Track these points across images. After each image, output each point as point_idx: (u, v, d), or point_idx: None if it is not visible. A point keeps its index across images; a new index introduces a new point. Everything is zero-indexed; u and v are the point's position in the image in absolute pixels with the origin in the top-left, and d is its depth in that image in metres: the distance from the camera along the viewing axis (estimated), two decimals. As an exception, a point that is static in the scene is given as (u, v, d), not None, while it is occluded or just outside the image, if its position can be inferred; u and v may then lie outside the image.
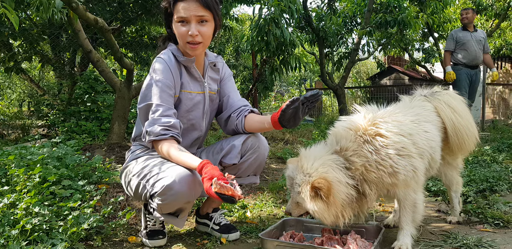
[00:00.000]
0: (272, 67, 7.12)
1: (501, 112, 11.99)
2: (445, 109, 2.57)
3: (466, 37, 7.23)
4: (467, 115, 2.66)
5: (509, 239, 2.46)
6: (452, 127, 2.56)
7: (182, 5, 2.23)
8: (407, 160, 2.19)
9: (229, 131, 2.60)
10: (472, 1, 12.31)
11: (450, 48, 7.32)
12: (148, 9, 7.56)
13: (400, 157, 2.17)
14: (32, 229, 2.21)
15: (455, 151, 2.65)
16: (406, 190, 2.26)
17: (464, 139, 2.59)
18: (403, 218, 2.31)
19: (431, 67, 13.47)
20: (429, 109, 2.55)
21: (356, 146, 2.20)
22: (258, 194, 3.62)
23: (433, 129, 2.45)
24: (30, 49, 7.76)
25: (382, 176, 2.17)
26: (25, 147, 3.26)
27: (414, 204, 2.29)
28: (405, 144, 2.19)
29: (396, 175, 2.17)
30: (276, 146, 6.04)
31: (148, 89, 2.30)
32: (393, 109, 2.42)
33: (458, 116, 2.57)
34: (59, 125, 6.20)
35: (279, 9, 5.95)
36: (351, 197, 2.17)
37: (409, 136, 2.24)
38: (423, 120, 2.42)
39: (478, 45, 7.26)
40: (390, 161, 2.15)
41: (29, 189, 2.54)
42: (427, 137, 2.34)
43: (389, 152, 2.16)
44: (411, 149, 2.21)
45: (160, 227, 2.52)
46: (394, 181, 2.18)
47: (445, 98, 2.62)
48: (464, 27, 7.37)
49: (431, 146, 2.36)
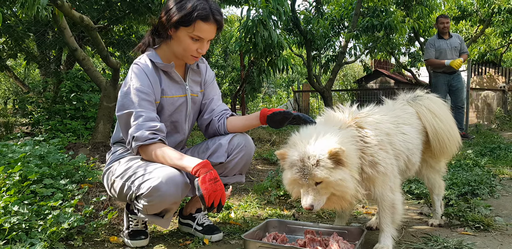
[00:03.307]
0: (260, 68, 7.12)
1: (485, 117, 12.15)
2: (426, 114, 2.60)
3: (443, 46, 7.43)
4: (448, 119, 2.69)
5: (489, 242, 2.49)
6: (433, 131, 2.59)
7: (204, 26, 2.24)
8: (386, 154, 2.22)
9: (210, 134, 2.63)
10: (457, 7, 12.47)
11: (430, 57, 7.50)
12: (136, 8, 7.51)
13: (381, 149, 2.21)
14: (11, 228, 2.17)
15: (437, 155, 2.68)
16: (383, 188, 2.27)
17: (446, 143, 2.62)
18: (382, 220, 2.33)
19: (416, 72, 13.59)
20: (410, 113, 2.59)
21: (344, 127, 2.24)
22: (242, 195, 3.62)
23: (412, 131, 2.48)
24: (15, 46, 7.67)
25: (363, 163, 2.17)
26: (7, 144, 3.21)
27: (393, 205, 2.30)
28: (382, 139, 2.24)
29: (376, 166, 2.18)
30: (263, 147, 6.05)
31: (127, 97, 2.26)
32: (373, 110, 2.45)
33: (438, 120, 2.61)
34: (44, 123, 6.12)
35: (267, 11, 5.95)
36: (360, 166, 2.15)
37: (386, 135, 2.28)
38: (401, 123, 2.46)
39: (455, 52, 7.46)
40: (372, 149, 2.18)
41: (8, 187, 2.50)
42: (404, 138, 2.38)
43: (372, 142, 2.19)
44: (388, 147, 2.25)
45: (143, 227, 2.50)
46: (374, 173, 2.18)
47: (426, 103, 2.66)
48: (439, 36, 7.54)
49: (408, 148, 2.39)
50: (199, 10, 2.20)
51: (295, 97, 14.17)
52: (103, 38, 5.17)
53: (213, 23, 2.26)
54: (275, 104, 16.97)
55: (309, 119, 2.32)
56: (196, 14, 2.19)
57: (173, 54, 2.38)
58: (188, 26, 2.22)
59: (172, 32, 2.28)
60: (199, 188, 2.03)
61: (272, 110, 2.38)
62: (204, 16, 2.21)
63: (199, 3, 2.22)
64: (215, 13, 2.25)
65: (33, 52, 8.43)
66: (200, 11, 2.20)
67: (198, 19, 2.21)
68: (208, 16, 2.22)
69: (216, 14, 2.26)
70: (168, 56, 2.40)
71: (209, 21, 2.24)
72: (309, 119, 2.32)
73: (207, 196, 2.02)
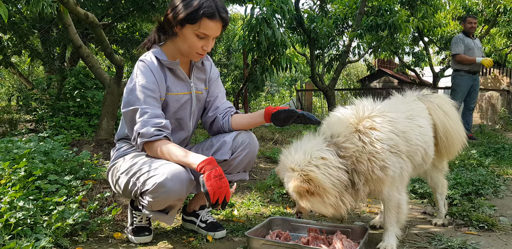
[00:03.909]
0: (263, 67, 7.12)
1: (489, 117, 12.12)
2: (438, 111, 2.60)
3: (471, 44, 7.37)
4: (457, 119, 2.70)
5: (493, 242, 2.49)
6: (444, 129, 2.59)
7: (210, 24, 2.23)
8: (396, 158, 2.20)
9: (214, 131, 2.63)
10: (462, 7, 12.43)
11: (460, 52, 7.32)
12: (140, 6, 7.52)
13: (391, 153, 2.19)
14: (16, 223, 2.18)
15: (443, 153, 2.68)
16: (391, 189, 2.28)
17: (454, 142, 2.63)
18: (387, 219, 2.33)
19: (420, 71, 13.57)
20: (421, 107, 2.57)
21: (348, 132, 2.20)
22: (245, 193, 3.62)
23: (427, 124, 2.48)
24: (20, 43, 7.68)
25: (373, 167, 2.15)
26: (12, 140, 3.22)
27: (398, 205, 2.30)
28: (397, 142, 2.21)
29: (386, 170, 2.17)
30: (265, 146, 6.05)
31: (132, 94, 2.27)
32: (388, 105, 2.42)
33: (449, 119, 2.61)
34: (47, 119, 6.13)
35: (271, 9, 5.94)
36: (344, 182, 2.14)
37: (402, 133, 2.25)
38: (416, 115, 2.44)
39: (480, 53, 7.43)
40: (383, 154, 2.15)
41: (14, 183, 2.51)
42: (421, 131, 2.37)
43: (384, 146, 2.16)
44: (402, 148, 2.23)
45: (146, 223, 2.51)
46: (383, 176, 2.17)
47: (437, 101, 2.66)
48: (466, 34, 7.48)
49: (425, 141, 2.39)
50: (205, 7, 2.20)
51: (297, 96, 14.18)
52: (107, 35, 5.17)
53: (218, 21, 2.26)
54: (278, 103, 16.97)
55: (313, 118, 2.31)
56: (202, 12, 2.19)
57: (178, 51, 2.38)
58: (194, 24, 2.22)
59: (178, 29, 2.28)
60: (204, 184, 2.03)
61: (277, 108, 2.37)
62: (210, 13, 2.21)
63: (205, 1, 2.21)
64: (221, 10, 2.26)
65: (38, 49, 8.44)
66: (206, 9, 2.20)
67: (204, 16, 2.20)
68: (214, 14, 2.22)
69: (222, 12, 2.26)
70: (174, 53, 2.40)
71: (215, 18, 2.24)
72: (313, 118, 2.31)
73: (212, 193, 2.02)
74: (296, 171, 2.12)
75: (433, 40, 13.28)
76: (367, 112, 2.27)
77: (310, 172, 2.08)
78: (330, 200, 2.12)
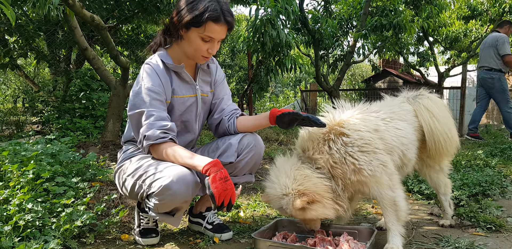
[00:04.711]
0: (268, 68, 7.12)
1: (495, 117, 12.05)
2: (423, 113, 2.58)
3: None
4: (446, 120, 2.64)
5: (501, 243, 2.48)
6: (429, 130, 2.57)
7: (215, 27, 2.23)
8: (372, 156, 2.21)
9: (220, 133, 2.63)
10: (467, 6, 12.38)
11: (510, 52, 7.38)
12: (144, 8, 7.54)
13: (363, 153, 2.21)
14: (25, 226, 2.20)
15: (433, 155, 2.65)
16: (379, 188, 2.26)
17: (441, 143, 2.59)
18: (387, 218, 2.32)
19: (425, 71, 13.51)
20: (407, 110, 2.58)
21: (315, 144, 2.27)
22: (251, 194, 3.63)
23: (408, 127, 2.47)
24: (26, 45, 7.72)
25: (347, 172, 2.21)
26: (19, 143, 3.24)
27: (394, 202, 2.28)
28: (368, 140, 2.23)
29: (361, 172, 2.20)
30: (270, 147, 6.05)
31: (138, 96, 2.28)
32: (365, 107, 2.47)
33: (435, 120, 2.57)
34: (54, 121, 6.16)
35: (276, 10, 5.94)
36: (331, 186, 2.24)
37: (375, 131, 2.27)
38: (396, 118, 2.46)
39: None
40: (351, 158, 2.20)
41: (22, 185, 2.52)
42: (397, 133, 2.37)
43: (349, 150, 2.20)
44: (376, 145, 2.24)
45: (153, 225, 2.52)
46: (360, 178, 2.21)
47: (424, 102, 2.63)
48: None
49: (403, 143, 2.38)
50: (210, 11, 2.20)
51: (302, 97, 14.15)
52: (112, 37, 5.19)
53: (224, 24, 2.26)
54: (282, 104, 16.93)
55: (318, 121, 2.28)
56: (207, 15, 2.20)
57: (184, 54, 2.39)
58: (199, 27, 2.23)
59: (183, 32, 2.29)
60: (209, 186, 2.04)
61: (281, 111, 2.35)
62: (215, 17, 2.21)
63: (210, 4, 2.22)
64: (226, 14, 2.26)
65: (43, 51, 8.49)
66: (211, 12, 2.20)
67: (209, 20, 2.21)
68: (219, 17, 2.23)
69: (227, 15, 2.26)
70: (179, 56, 2.41)
71: (220, 22, 2.24)
72: (318, 121, 2.28)
73: (217, 195, 2.03)
74: (289, 194, 2.18)
75: (438, 40, 13.24)
76: (338, 120, 2.31)
77: (300, 187, 2.17)
78: (329, 203, 2.21)
